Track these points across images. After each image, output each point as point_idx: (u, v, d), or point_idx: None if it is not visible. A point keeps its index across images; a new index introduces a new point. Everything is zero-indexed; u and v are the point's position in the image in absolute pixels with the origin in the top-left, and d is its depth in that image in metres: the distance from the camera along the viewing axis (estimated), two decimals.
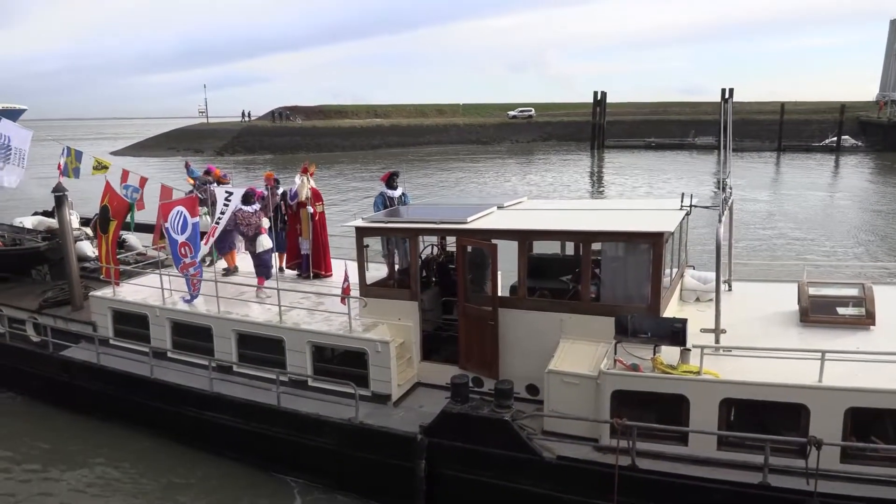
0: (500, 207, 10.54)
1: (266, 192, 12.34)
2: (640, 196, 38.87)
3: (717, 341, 8.08)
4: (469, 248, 9.36)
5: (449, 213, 10.03)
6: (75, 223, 15.40)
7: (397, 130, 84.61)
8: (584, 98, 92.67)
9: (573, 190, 43.03)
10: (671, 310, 9.31)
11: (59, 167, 14.46)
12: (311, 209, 11.97)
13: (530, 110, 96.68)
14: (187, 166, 14.07)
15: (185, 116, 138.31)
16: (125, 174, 14.38)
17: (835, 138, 68.25)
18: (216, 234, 11.06)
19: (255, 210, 11.75)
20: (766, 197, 38.32)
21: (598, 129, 79.11)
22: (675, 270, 9.63)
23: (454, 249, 10.06)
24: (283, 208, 12.59)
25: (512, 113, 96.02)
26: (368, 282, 10.31)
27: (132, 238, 14.88)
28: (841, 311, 8.77)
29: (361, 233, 10.11)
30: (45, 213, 15.98)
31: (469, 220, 9.45)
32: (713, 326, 8.19)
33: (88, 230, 14.88)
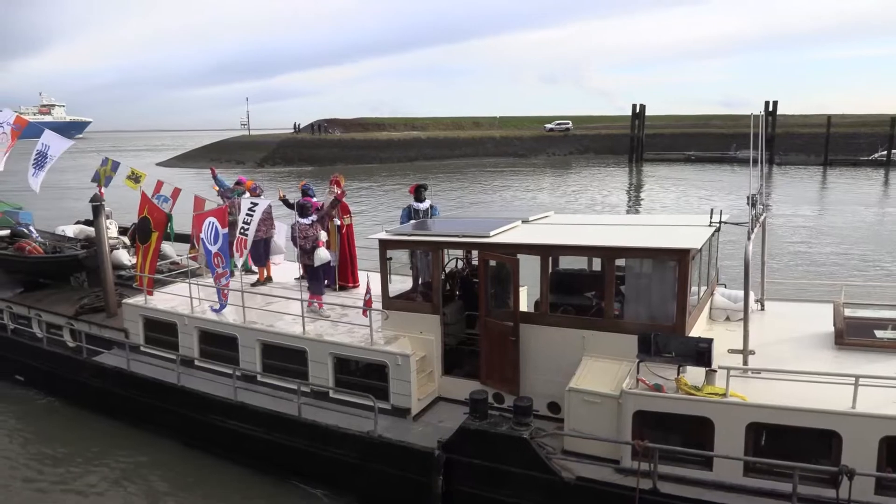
0: (524, 221, 10.43)
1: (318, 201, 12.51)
2: (678, 211, 38.20)
3: (744, 363, 7.81)
4: (492, 263, 9.29)
5: (472, 227, 9.97)
6: (113, 232, 15.84)
7: (434, 143, 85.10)
8: (622, 111, 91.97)
9: (608, 204, 42.56)
10: (699, 329, 9.06)
11: (94, 177, 14.94)
12: (338, 221, 12.03)
13: (567, 123, 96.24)
14: (214, 174, 14.32)
15: (228, 129, 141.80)
16: (159, 185, 14.75)
17: (884, 152, 66.05)
18: (248, 246, 11.19)
19: (312, 222, 11.31)
20: (810, 213, 37.25)
21: (637, 143, 78.28)
22: (703, 289, 9.37)
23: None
24: None
25: (549, 126, 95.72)
26: (391, 294, 10.31)
27: (167, 247, 15.18)
28: (879, 334, 8.40)
29: (385, 245, 10.12)
30: (87, 223, 16.46)
31: (492, 233, 9.36)
32: (750, 345, 7.94)
33: (126, 239, 15.26)
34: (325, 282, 12.88)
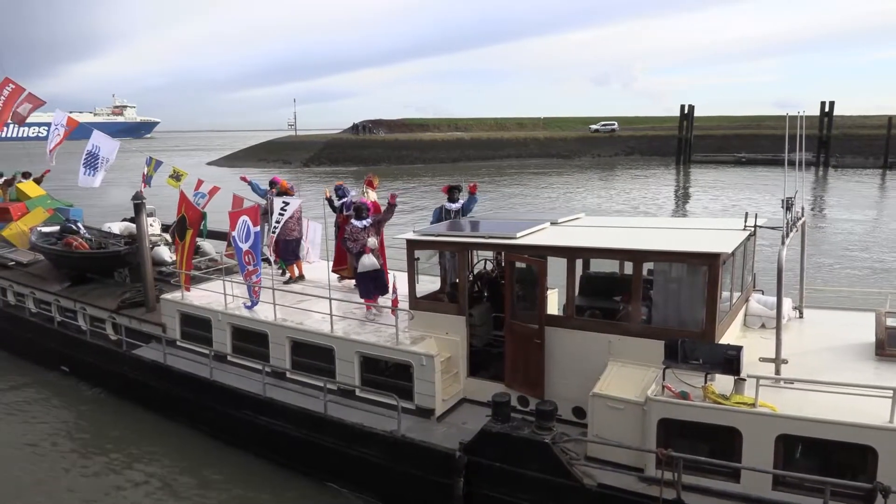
0: (553, 223, 10.30)
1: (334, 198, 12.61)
2: (726, 215, 37.18)
3: (777, 372, 7.52)
4: (518, 265, 9.19)
5: (499, 228, 9.88)
6: (156, 229, 16.33)
7: (477, 144, 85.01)
8: (670, 112, 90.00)
9: (653, 206, 41.70)
10: (732, 336, 8.78)
11: (143, 176, 15.46)
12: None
13: (613, 124, 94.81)
14: (247, 181, 14.57)
15: (275, 129, 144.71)
16: (199, 183, 15.15)
17: None
18: (272, 244, 11.37)
19: (366, 226, 11.10)
20: (863, 217, 35.75)
21: (685, 144, 76.57)
22: (736, 294, 9.07)
23: None
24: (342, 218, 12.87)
25: (594, 127, 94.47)
26: (418, 294, 10.30)
27: (207, 245, 15.56)
28: None
29: (412, 245, 10.13)
30: (132, 220, 16.98)
31: (518, 235, 9.27)
32: (784, 353, 7.64)
33: (167, 236, 15.69)
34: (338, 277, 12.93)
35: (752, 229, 8.93)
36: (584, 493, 7.57)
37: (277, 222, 11.26)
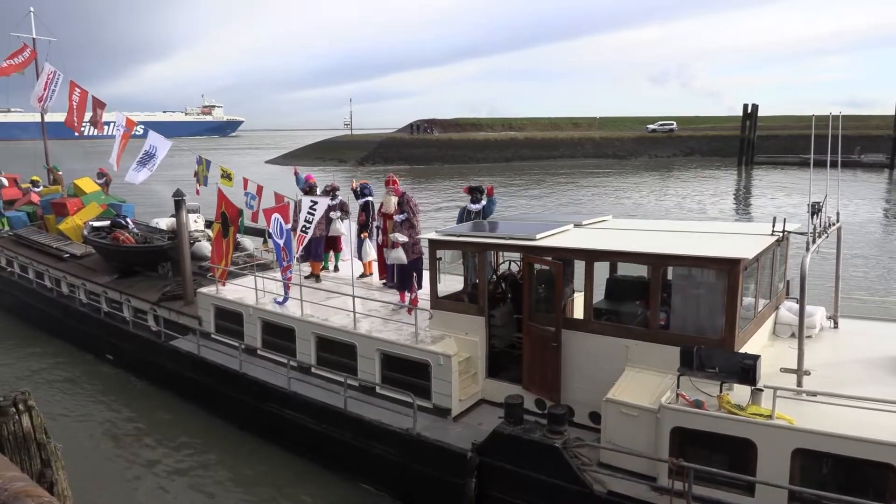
0: (577, 225, 10.14)
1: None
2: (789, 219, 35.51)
3: (798, 384, 7.19)
4: (537, 266, 9.09)
5: (519, 229, 9.79)
6: (200, 225, 16.89)
7: (531, 143, 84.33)
8: (731, 111, 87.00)
9: (711, 209, 40.34)
10: (759, 344, 8.45)
11: (194, 174, 16.00)
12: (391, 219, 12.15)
13: (671, 124, 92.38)
14: (296, 173, 14.87)
15: (332, 129, 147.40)
16: (245, 182, 15.56)
17: None
18: (304, 243, 11.58)
19: (401, 221, 11.53)
20: None
21: (748, 145, 73.89)
22: (763, 302, 8.70)
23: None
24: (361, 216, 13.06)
25: (651, 126, 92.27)
26: (440, 294, 10.32)
27: (246, 241, 15.98)
28: None
29: (434, 245, 10.15)
30: None
31: (538, 237, 9.16)
32: (811, 364, 7.32)
33: (210, 232, 16.19)
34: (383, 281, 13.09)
35: (781, 235, 8.56)
36: (594, 500, 7.42)
37: (308, 222, 11.45)
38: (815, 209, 7.58)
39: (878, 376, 7.58)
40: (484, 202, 11.54)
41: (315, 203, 11.42)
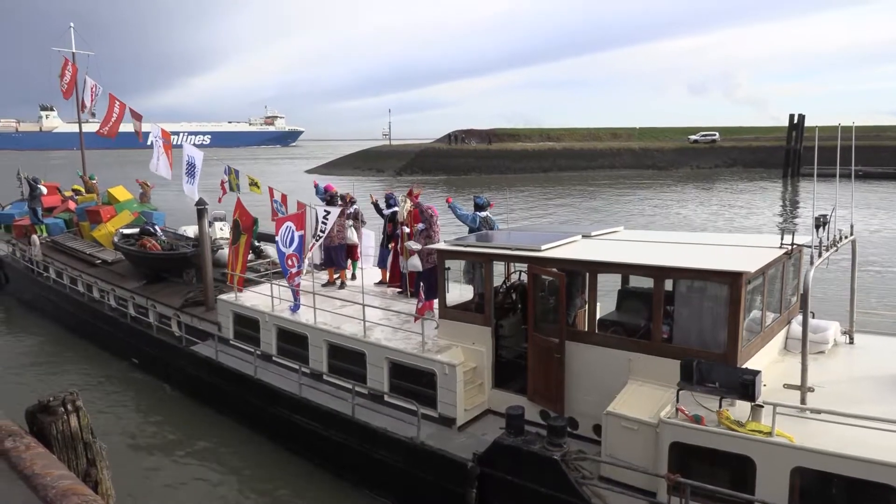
0: (585, 236, 10.05)
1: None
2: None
3: (802, 401, 6.96)
4: (543, 277, 9.03)
5: (525, 240, 9.75)
6: (226, 233, 17.28)
7: (568, 154, 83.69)
8: (776, 121, 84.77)
9: (753, 222, 39.25)
10: (767, 359, 8.22)
11: (221, 183, 16.36)
12: (407, 229, 12.26)
13: (714, 134, 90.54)
14: (315, 185, 15.10)
15: (371, 139, 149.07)
16: (271, 191, 15.84)
17: None
18: (313, 251, 11.77)
19: (420, 231, 11.75)
20: None
21: (794, 156, 71.92)
22: (772, 316, 8.46)
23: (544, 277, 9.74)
24: (389, 227, 13.16)
25: (693, 137, 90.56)
26: (449, 304, 10.33)
27: (270, 249, 16.29)
28: None
29: (442, 255, 10.19)
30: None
31: (543, 248, 9.11)
32: (820, 381, 7.10)
33: None
34: (398, 289, 13.18)
35: (789, 248, 8.31)
36: None
37: (322, 231, 11.67)
38: (821, 222, 7.34)
39: (889, 395, 7.28)
40: (488, 213, 11.66)
41: (328, 213, 11.59)
